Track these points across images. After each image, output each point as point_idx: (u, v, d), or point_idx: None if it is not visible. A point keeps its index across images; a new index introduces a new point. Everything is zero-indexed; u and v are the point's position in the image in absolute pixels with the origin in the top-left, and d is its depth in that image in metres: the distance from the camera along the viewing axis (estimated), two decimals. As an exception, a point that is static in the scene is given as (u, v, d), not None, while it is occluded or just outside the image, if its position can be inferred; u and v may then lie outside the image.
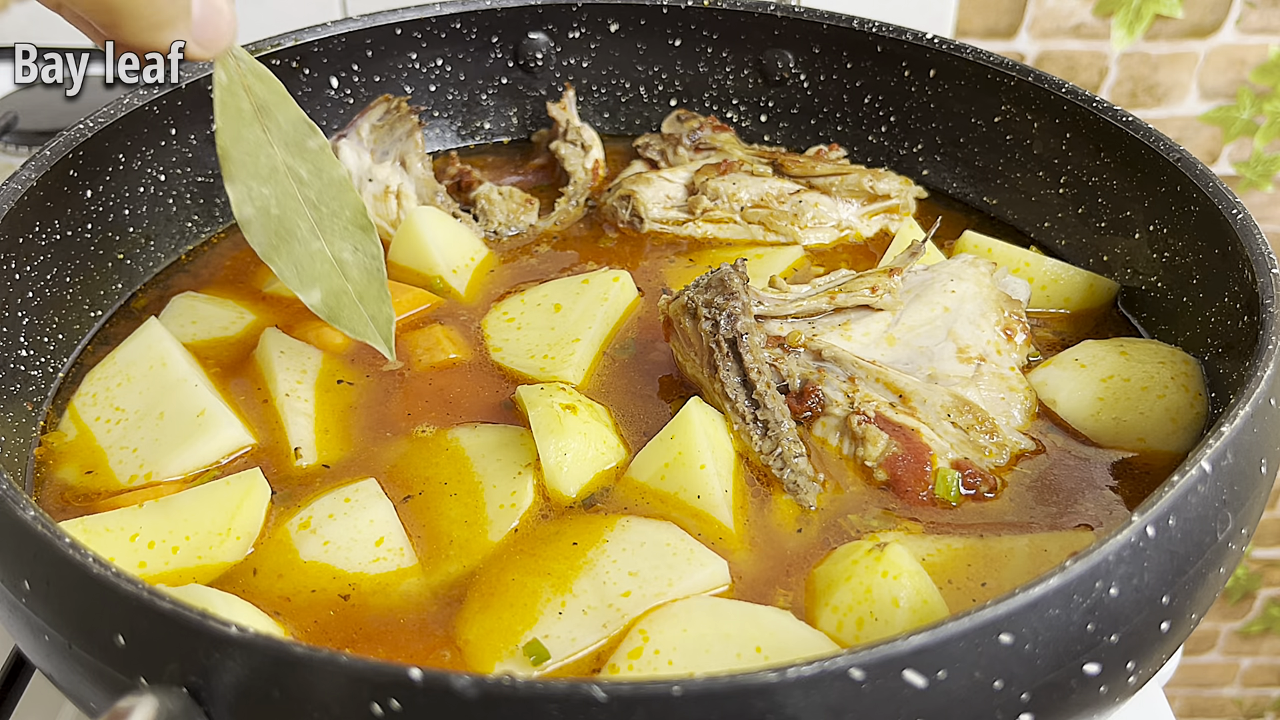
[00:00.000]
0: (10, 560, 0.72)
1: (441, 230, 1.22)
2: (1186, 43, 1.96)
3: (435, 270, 1.20)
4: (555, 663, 0.79)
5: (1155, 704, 1.15)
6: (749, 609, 0.81)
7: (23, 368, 1.03)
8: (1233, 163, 2.11)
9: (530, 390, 0.99)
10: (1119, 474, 0.96)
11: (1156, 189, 1.11)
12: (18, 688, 1.03)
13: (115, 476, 0.95)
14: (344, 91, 1.39)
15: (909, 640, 0.60)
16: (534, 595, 0.83)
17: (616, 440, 0.98)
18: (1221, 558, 0.75)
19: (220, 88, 0.92)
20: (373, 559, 0.87)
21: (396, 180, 1.29)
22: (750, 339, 0.96)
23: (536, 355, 1.08)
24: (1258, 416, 0.78)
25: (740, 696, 0.57)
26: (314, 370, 1.06)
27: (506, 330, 1.12)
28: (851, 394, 0.97)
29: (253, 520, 0.89)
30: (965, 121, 1.33)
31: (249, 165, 0.94)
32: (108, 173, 1.17)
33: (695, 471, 0.91)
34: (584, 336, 1.08)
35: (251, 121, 0.93)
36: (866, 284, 1.04)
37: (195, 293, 1.19)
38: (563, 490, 0.93)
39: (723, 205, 1.28)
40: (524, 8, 1.42)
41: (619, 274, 1.16)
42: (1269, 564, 2.61)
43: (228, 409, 1.00)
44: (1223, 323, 1.00)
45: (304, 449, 0.97)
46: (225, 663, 0.61)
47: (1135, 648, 0.69)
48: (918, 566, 0.82)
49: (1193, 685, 2.82)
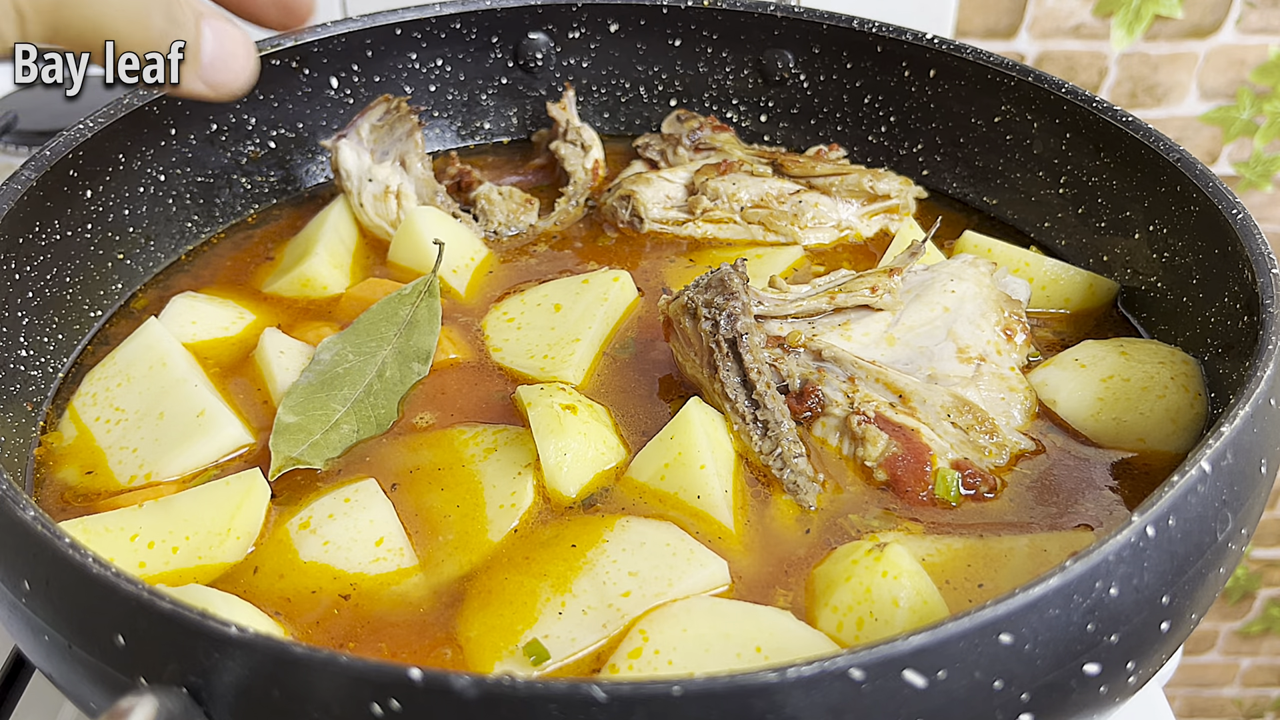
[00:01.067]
0: (10, 560, 0.72)
1: (442, 230, 1.22)
2: (1186, 43, 1.96)
3: None
4: (555, 663, 0.79)
5: (1155, 704, 1.15)
6: (749, 609, 0.81)
7: (23, 368, 1.03)
8: (1233, 163, 2.11)
9: (530, 390, 0.99)
10: (1119, 474, 0.96)
11: (1156, 189, 1.11)
12: (18, 688, 1.03)
13: (115, 477, 0.95)
14: (344, 91, 1.39)
15: (909, 640, 0.60)
16: (534, 595, 0.83)
17: (616, 440, 0.98)
18: (1221, 558, 0.75)
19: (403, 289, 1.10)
20: (373, 559, 0.87)
21: (396, 180, 1.29)
22: (750, 339, 0.96)
23: (536, 355, 1.08)
24: (1258, 416, 0.78)
25: (740, 696, 0.57)
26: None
27: (506, 330, 1.12)
28: (851, 394, 0.97)
29: (253, 520, 0.89)
30: (965, 121, 1.33)
31: (359, 331, 1.07)
32: (108, 173, 1.17)
33: (695, 471, 0.91)
34: (584, 336, 1.08)
35: (391, 321, 1.08)
36: (866, 284, 1.04)
37: (195, 293, 1.19)
38: (563, 490, 0.93)
39: (723, 205, 1.28)
40: (524, 8, 1.42)
41: (619, 274, 1.16)
42: (1269, 564, 2.62)
43: (228, 409, 1.00)
44: (1223, 323, 1.00)
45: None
46: (225, 663, 0.61)
47: (1135, 648, 0.69)
48: (918, 566, 0.82)
49: (1193, 685, 2.82)
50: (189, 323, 1.12)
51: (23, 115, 1.62)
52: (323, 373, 1.03)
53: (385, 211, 1.28)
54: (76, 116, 1.13)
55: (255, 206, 1.36)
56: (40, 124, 1.62)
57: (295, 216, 1.35)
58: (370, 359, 1.04)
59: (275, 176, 1.37)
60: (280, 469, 0.93)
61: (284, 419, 0.98)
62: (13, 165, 1.56)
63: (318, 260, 1.20)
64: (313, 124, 1.38)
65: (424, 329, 1.08)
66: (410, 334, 1.07)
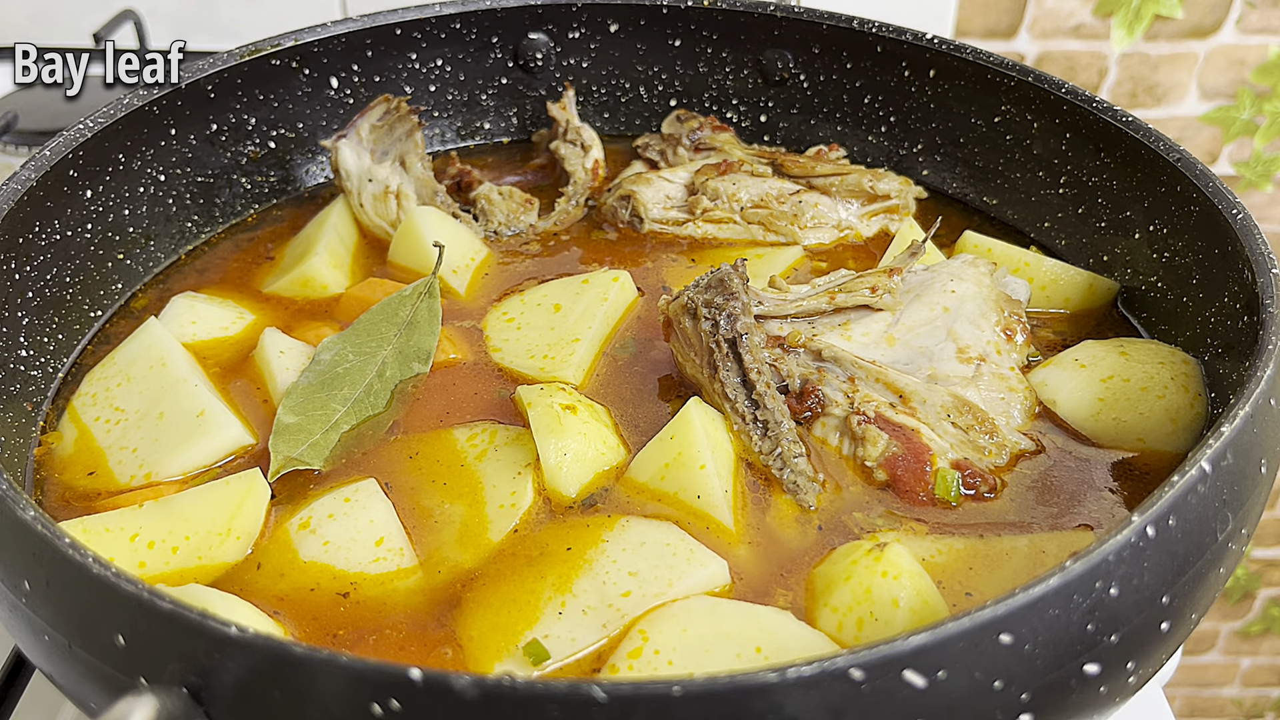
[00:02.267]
0: (10, 560, 0.72)
1: (441, 230, 1.22)
2: (1186, 43, 1.96)
3: None
4: (555, 663, 0.79)
5: (1155, 704, 1.15)
6: (749, 609, 0.81)
7: (23, 368, 1.03)
8: (1233, 163, 2.11)
9: (530, 390, 0.99)
10: (1119, 474, 0.96)
11: (1156, 189, 1.11)
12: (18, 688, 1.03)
13: (115, 476, 0.95)
14: (344, 91, 1.39)
15: (909, 640, 0.60)
16: (534, 595, 0.83)
17: (616, 440, 0.98)
18: (1221, 558, 0.75)
19: (404, 290, 1.11)
20: (373, 559, 0.87)
21: (396, 180, 1.29)
22: (750, 339, 0.96)
23: (536, 355, 1.08)
24: (1258, 416, 0.78)
25: (740, 696, 0.57)
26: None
27: (506, 330, 1.12)
28: (851, 394, 0.97)
29: (253, 520, 0.89)
30: (965, 121, 1.33)
31: (359, 331, 1.07)
32: (108, 173, 1.17)
33: (695, 471, 0.91)
34: (584, 336, 1.08)
35: (391, 321, 1.08)
36: (866, 284, 1.04)
37: (195, 293, 1.19)
38: (563, 490, 0.93)
39: (723, 205, 1.28)
40: (524, 8, 1.42)
41: (619, 274, 1.16)
42: (1269, 564, 2.62)
43: (227, 409, 1.00)
44: (1223, 323, 1.00)
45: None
46: (225, 663, 0.61)
47: (1135, 648, 0.69)
48: (918, 566, 0.82)
49: (1193, 685, 2.82)
50: (189, 323, 1.12)
51: (23, 115, 1.62)
52: (322, 373, 1.03)
53: (385, 211, 1.28)
54: (76, 116, 1.13)
55: (255, 206, 1.36)
56: (40, 124, 1.62)
57: (295, 216, 1.35)
58: (370, 359, 1.04)
59: (275, 176, 1.37)
60: (280, 469, 0.93)
61: (284, 419, 0.98)
62: (13, 165, 1.56)
63: (318, 260, 1.20)
64: (313, 124, 1.38)
65: (424, 329, 1.08)
66: (410, 334, 1.07)
